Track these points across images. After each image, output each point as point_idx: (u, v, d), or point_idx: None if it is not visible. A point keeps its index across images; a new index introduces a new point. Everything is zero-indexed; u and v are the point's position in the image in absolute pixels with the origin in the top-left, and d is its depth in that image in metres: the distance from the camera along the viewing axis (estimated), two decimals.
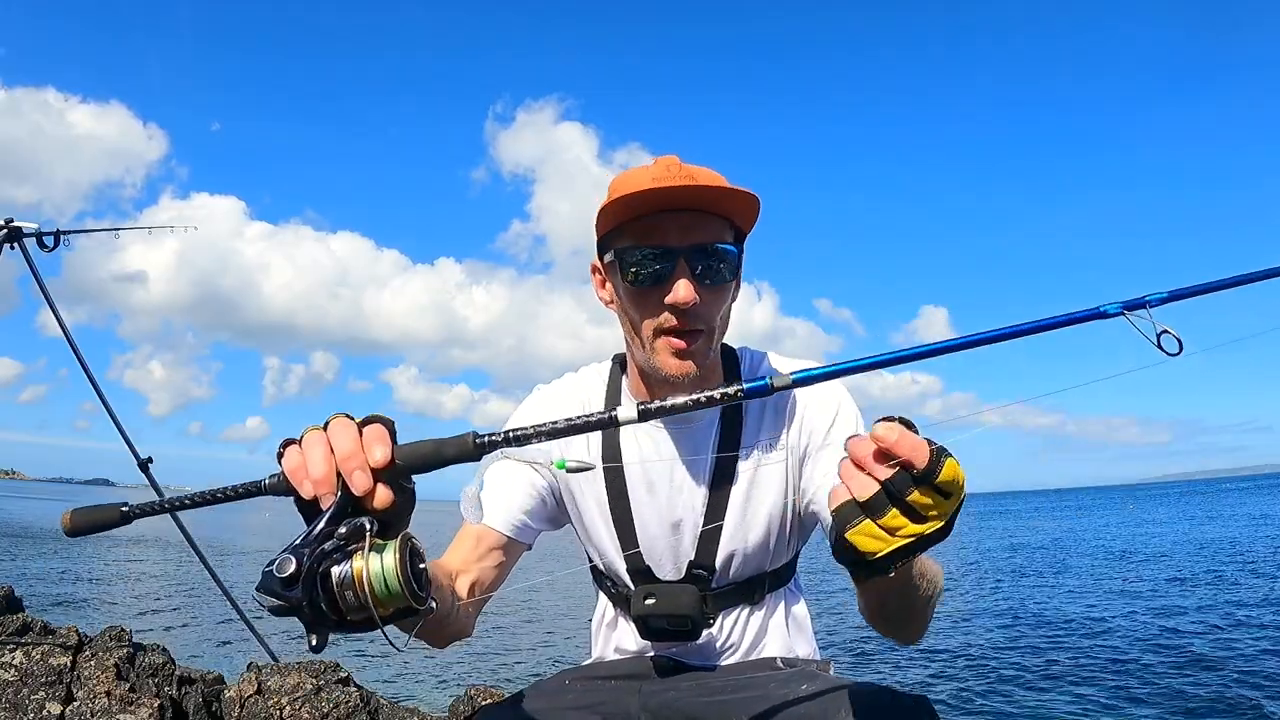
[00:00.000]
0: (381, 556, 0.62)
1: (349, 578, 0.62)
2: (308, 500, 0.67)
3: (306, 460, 0.67)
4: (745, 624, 1.20)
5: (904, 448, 0.62)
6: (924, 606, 0.94)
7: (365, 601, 0.61)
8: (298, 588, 0.61)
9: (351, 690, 2.75)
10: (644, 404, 0.68)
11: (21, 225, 3.27)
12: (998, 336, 0.69)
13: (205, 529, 26.32)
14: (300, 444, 0.69)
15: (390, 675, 7.14)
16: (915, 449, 0.62)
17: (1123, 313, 0.71)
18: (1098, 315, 0.71)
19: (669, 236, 1.04)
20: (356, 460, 0.66)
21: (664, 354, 1.07)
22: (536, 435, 0.69)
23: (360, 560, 0.62)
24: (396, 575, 0.61)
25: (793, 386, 0.68)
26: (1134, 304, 0.71)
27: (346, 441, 0.67)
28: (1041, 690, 6.34)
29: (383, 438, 0.68)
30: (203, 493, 0.72)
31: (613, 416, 0.68)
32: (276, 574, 0.61)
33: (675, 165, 1.07)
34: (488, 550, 1.12)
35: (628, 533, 1.16)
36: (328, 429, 0.69)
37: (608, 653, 1.28)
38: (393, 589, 0.62)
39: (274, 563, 0.61)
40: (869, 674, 6.89)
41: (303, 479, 0.67)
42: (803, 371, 0.69)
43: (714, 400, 0.68)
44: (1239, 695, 5.89)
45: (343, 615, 0.62)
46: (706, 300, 1.05)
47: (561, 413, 1.21)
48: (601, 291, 1.18)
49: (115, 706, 2.57)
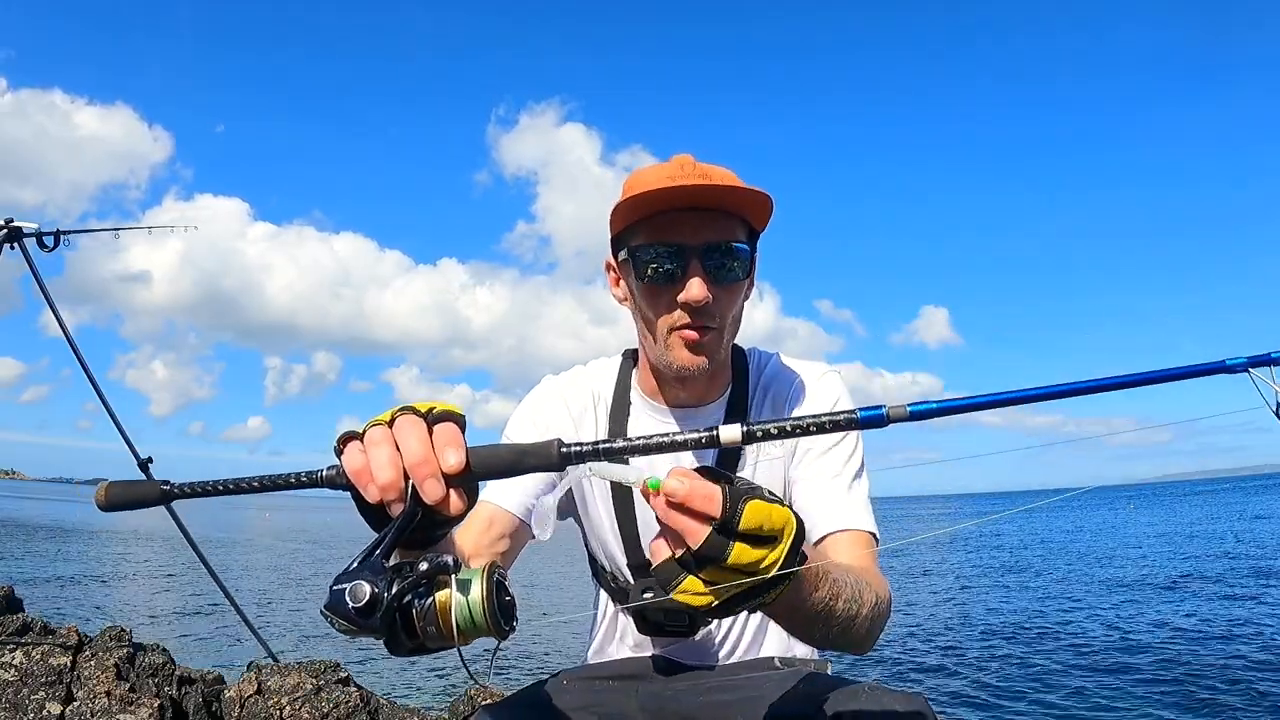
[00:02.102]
0: (468, 594, 0.59)
1: (432, 612, 0.59)
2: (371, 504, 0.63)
3: (371, 462, 0.62)
4: (743, 623, 1.21)
5: (696, 500, 0.58)
6: (844, 627, 0.85)
7: (449, 634, 0.59)
8: (375, 617, 0.58)
9: (351, 690, 2.75)
10: (747, 425, 0.63)
11: (21, 225, 3.27)
12: (1121, 384, 0.66)
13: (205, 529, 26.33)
14: (362, 440, 0.64)
15: (390, 675, 7.13)
16: (707, 501, 0.58)
17: (1248, 369, 0.68)
18: (1220, 369, 0.68)
19: (683, 235, 1.04)
20: (429, 467, 0.61)
21: (677, 347, 1.08)
22: (627, 450, 0.64)
23: (444, 594, 0.59)
24: (483, 611, 0.59)
25: (909, 419, 0.63)
26: (1259, 360, 0.68)
27: (416, 445, 0.62)
28: (1040, 690, 6.34)
29: (456, 441, 0.63)
30: (250, 478, 0.68)
31: (714, 435, 0.63)
32: (350, 599, 0.58)
33: (689, 164, 1.07)
34: (499, 535, 1.12)
35: (630, 525, 1.17)
36: (394, 426, 0.63)
37: (607, 652, 1.28)
38: (478, 623, 0.59)
39: (346, 585, 0.58)
40: (866, 674, 6.89)
41: (367, 482, 0.62)
42: (919, 404, 0.64)
43: (823, 427, 0.62)
44: (1239, 695, 5.89)
45: (421, 643, 0.60)
46: (719, 298, 1.06)
47: (571, 405, 1.22)
48: (615, 289, 1.18)
49: (115, 706, 2.57)
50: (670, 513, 0.60)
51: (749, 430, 0.62)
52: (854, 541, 1.06)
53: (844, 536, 1.06)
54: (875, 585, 0.92)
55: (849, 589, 0.84)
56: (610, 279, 1.19)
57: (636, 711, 1.13)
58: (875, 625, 0.92)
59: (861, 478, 1.15)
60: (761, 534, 0.59)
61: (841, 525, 1.07)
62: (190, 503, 0.73)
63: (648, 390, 1.21)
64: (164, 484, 0.69)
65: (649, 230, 1.06)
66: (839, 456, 1.13)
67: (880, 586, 0.95)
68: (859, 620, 0.87)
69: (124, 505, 0.69)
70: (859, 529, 1.07)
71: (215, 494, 0.68)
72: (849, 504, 1.09)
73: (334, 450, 0.65)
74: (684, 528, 0.59)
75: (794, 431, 0.63)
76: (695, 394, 1.17)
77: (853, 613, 0.85)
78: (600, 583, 1.29)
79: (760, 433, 0.62)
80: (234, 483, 0.68)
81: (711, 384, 1.18)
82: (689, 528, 0.59)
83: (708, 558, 0.59)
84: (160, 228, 3.99)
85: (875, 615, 0.91)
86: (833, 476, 1.12)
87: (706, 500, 0.59)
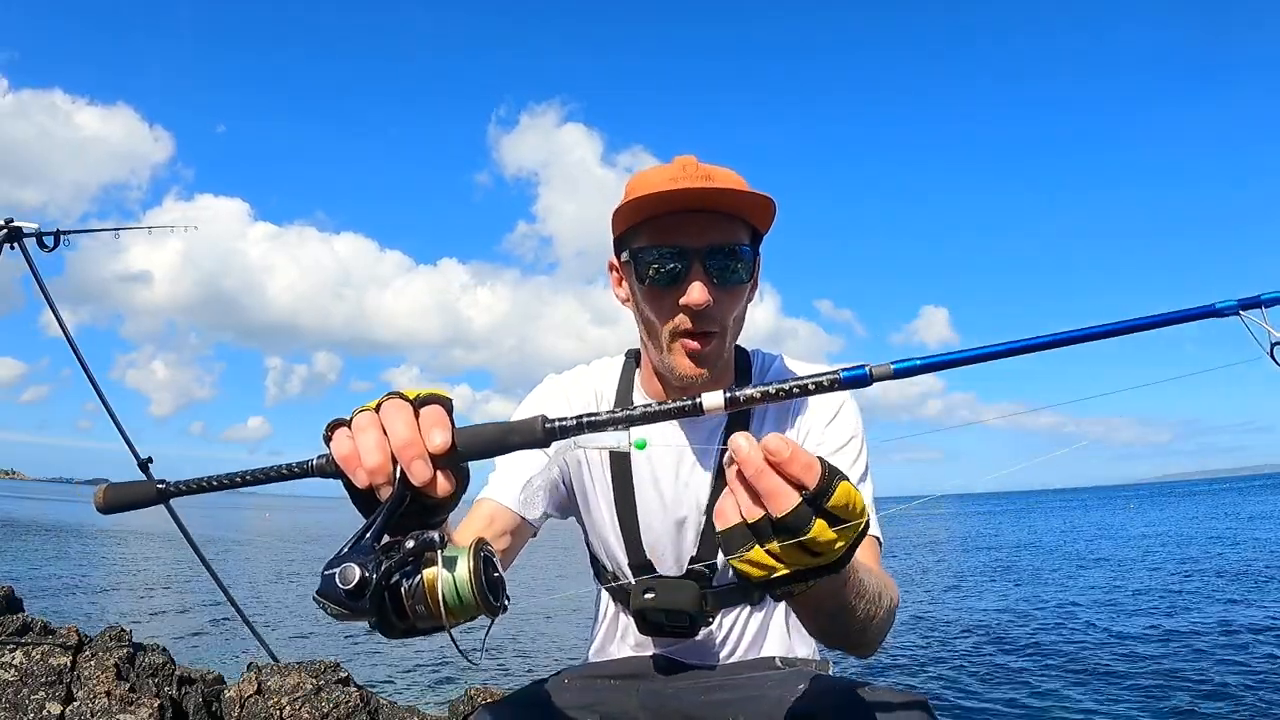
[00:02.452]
0: (454, 570, 0.59)
1: (420, 591, 0.59)
2: (361, 489, 0.63)
3: (359, 446, 0.62)
4: (744, 623, 1.20)
5: (796, 465, 0.57)
6: (862, 627, 0.86)
7: (437, 613, 0.59)
8: (365, 599, 0.57)
9: (351, 690, 2.75)
10: (729, 391, 0.62)
11: (21, 225, 3.27)
12: (1110, 332, 0.64)
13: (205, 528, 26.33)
14: (350, 426, 0.64)
15: (390, 675, 7.14)
16: (807, 468, 0.57)
17: (1238, 312, 0.65)
18: (1211, 313, 0.66)
19: (685, 237, 1.04)
20: (415, 449, 0.61)
21: (678, 356, 1.08)
22: (611, 422, 0.63)
23: (431, 572, 0.59)
24: (470, 587, 0.59)
25: (894, 377, 0.62)
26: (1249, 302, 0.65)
27: (403, 427, 0.62)
28: (1040, 690, 6.34)
29: (442, 421, 0.63)
30: (245, 472, 0.68)
31: (697, 404, 0.62)
32: (340, 583, 0.57)
33: (692, 165, 1.07)
34: (499, 531, 1.11)
35: (631, 525, 1.16)
36: (380, 411, 0.63)
37: (607, 651, 1.28)
38: (465, 600, 0.59)
39: (336, 568, 0.58)
40: (867, 675, 6.89)
41: (355, 467, 0.62)
42: (903, 361, 0.63)
43: (806, 390, 0.61)
44: (1239, 695, 5.89)
45: (412, 624, 0.60)
46: (721, 301, 1.06)
47: (574, 402, 1.21)
48: (618, 289, 1.18)
49: (115, 706, 2.57)
50: (763, 472, 0.57)
51: (731, 396, 0.62)
52: (863, 545, 1.05)
53: None
54: (889, 588, 0.93)
55: (871, 589, 0.85)
56: (613, 280, 1.19)
57: (637, 710, 1.13)
58: (885, 627, 0.93)
59: (867, 480, 1.15)
60: (841, 516, 0.58)
61: None
62: (189, 503, 0.73)
63: (650, 391, 1.20)
64: (161, 483, 0.69)
65: (651, 232, 1.06)
66: (845, 459, 1.13)
67: (892, 590, 0.95)
68: (875, 621, 0.87)
69: (122, 506, 0.69)
70: (867, 532, 1.07)
71: (211, 489, 0.68)
72: None
73: (322, 438, 0.65)
74: (774, 490, 0.57)
75: (778, 395, 0.62)
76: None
77: (871, 613, 0.86)
78: (601, 582, 1.28)
79: (743, 397, 0.61)
80: (228, 477, 0.68)
81: (714, 386, 1.17)
82: (779, 491, 0.57)
83: (789, 527, 0.57)
84: (160, 228, 4.00)
85: (887, 617, 0.92)
86: None
87: (807, 468, 0.57)
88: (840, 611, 0.81)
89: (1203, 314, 0.66)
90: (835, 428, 1.15)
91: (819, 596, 0.74)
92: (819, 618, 0.86)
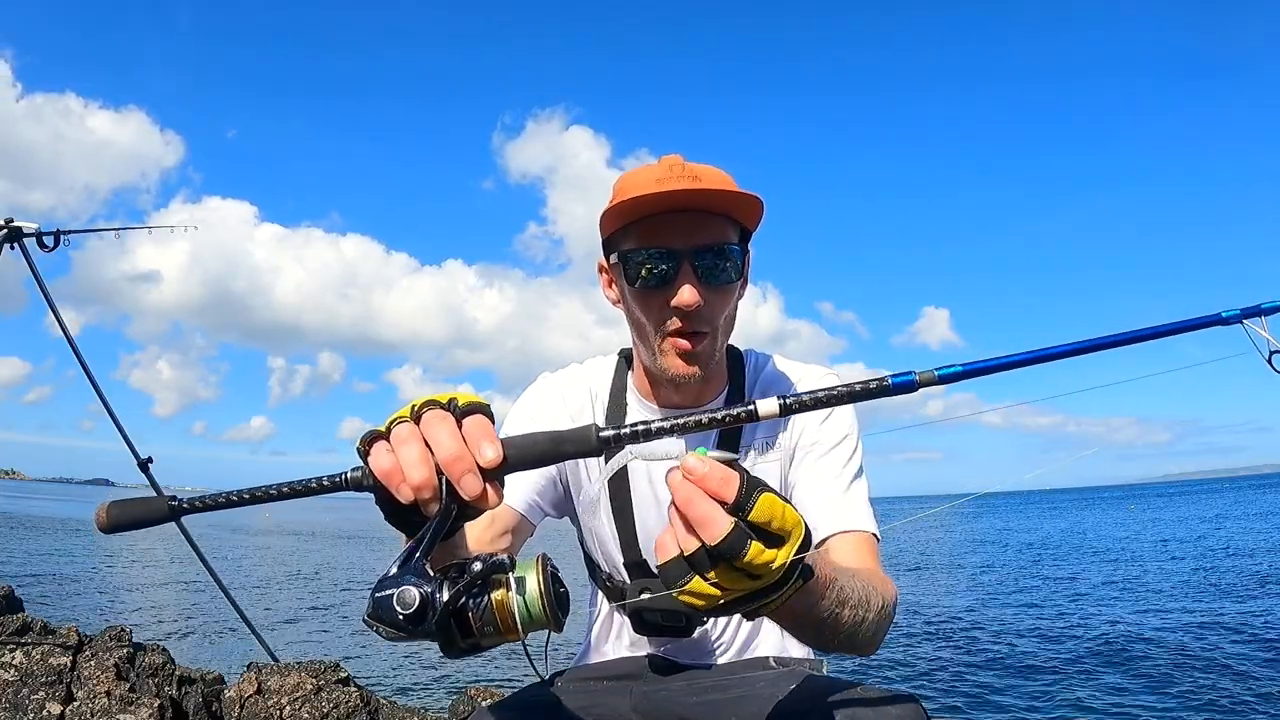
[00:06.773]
0: (524, 591, 0.58)
1: (489, 613, 0.58)
2: (404, 504, 0.60)
3: (401, 461, 0.59)
4: (739, 623, 1.21)
5: (713, 480, 0.56)
6: (850, 633, 0.85)
7: (509, 633, 0.58)
8: (427, 622, 0.56)
9: (351, 690, 2.76)
10: (783, 397, 0.61)
11: (21, 225, 3.28)
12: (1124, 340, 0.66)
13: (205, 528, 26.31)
14: (389, 440, 0.61)
15: (390, 675, 7.14)
16: (724, 482, 0.56)
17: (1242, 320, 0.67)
18: (1216, 322, 0.68)
19: (673, 238, 1.04)
20: (465, 463, 0.59)
21: (670, 355, 1.08)
22: (662, 431, 0.61)
23: (500, 594, 0.58)
24: (540, 605, 0.58)
25: (938, 383, 0.62)
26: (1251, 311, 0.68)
27: (449, 440, 0.59)
28: (1035, 691, 6.34)
29: (489, 433, 0.61)
30: (270, 486, 0.62)
31: (752, 410, 0.61)
32: (399, 606, 0.55)
33: (678, 165, 1.07)
34: (501, 530, 1.11)
35: (627, 524, 1.17)
36: (421, 423, 0.61)
37: (603, 652, 1.28)
38: (535, 617, 0.58)
39: (392, 591, 0.56)
40: (862, 675, 6.90)
41: (399, 483, 0.59)
42: (946, 368, 0.63)
43: (856, 395, 0.61)
44: (1239, 696, 5.89)
45: (477, 642, 0.59)
46: (712, 301, 1.06)
47: (569, 401, 1.22)
48: (609, 291, 1.19)
49: (115, 706, 2.57)
50: (691, 500, 0.56)
51: (785, 403, 0.61)
52: (857, 543, 1.05)
53: (846, 538, 1.06)
54: (881, 588, 0.92)
55: (856, 595, 0.84)
56: (603, 281, 1.20)
57: (630, 712, 1.13)
58: (881, 628, 0.92)
59: (861, 478, 1.14)
60: (771, 531, 0.57)
61: (843, 527, 1.07)
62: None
63: (643, 391, 1.21)
64: (171, 499, 0.63)
65: (639, 234, 1.06)
66: (839, 458, 1.13)
67: (886, 589, 0.94)
68: (865, 625, 0.86)
69: (128, 525, 0.63)
70: (861, 530, 1.07)
71: (230, 505, 0.62)
72: (850, 505, 1.09)
73: (357, 451, 0.63)
74: (705, 517, 0.56)
75: (829, 400, 0.61)
76: (690, 396, 1.17)
77: (859, 619, 0.85)
78: (596, 582, 1.29)
79: (795, 404, 0.61)
80: (250, 492, 0.62)
81: (707, 386, 1.18)
82: (709, 518, 0.56)
83: (723, 554, 0.56)
84: (160, 228, 4.01)
85: (881, 619, 0.90)
86: (833, 478, 1.11)
87: (724, 482, 0.56)
88: (820, 623, 0.80)
89: (1209, 322, 0.69)
90: (829, 426, 1.15)
91: (795, 610, 0.73)
92: (800, 630, 0.86)
